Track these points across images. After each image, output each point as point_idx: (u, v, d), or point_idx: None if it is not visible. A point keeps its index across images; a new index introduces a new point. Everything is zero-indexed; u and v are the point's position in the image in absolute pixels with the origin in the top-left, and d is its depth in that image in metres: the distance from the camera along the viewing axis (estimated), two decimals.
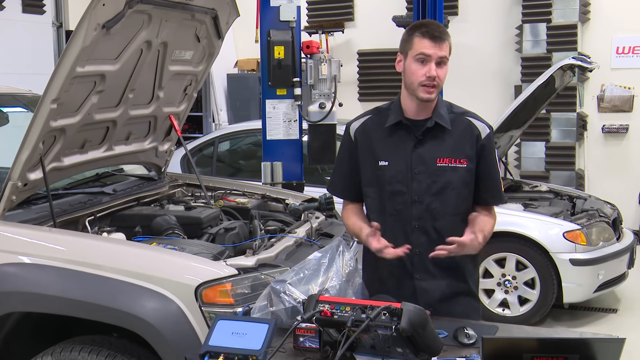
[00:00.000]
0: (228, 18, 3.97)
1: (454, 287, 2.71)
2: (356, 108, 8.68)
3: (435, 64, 2.56)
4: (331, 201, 3.97)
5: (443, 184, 2.63)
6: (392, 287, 2.68)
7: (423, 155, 2.64)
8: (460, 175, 2.63)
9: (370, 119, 2.77)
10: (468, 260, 2.74)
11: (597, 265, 5.32)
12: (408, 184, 2.64)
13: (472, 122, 2.68)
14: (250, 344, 1.98)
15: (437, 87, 2.59)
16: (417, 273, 2.68)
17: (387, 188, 2.67)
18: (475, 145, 2.65)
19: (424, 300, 2.63)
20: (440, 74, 2.57)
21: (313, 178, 5.88)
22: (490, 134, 2.69)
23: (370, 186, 2.72)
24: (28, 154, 3.05)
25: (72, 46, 2.93)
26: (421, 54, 2.56)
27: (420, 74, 2.56)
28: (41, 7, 8.27)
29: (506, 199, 2.82)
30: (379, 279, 2.74)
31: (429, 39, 2.56)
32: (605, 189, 7.54)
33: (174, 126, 4.19)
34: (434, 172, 2.63)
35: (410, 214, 2.65)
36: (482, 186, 2.68)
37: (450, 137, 2.65)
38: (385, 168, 2.67)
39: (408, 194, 2.65)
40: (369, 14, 8.84)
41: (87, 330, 3.04)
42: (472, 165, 2.64)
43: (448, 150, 2.64)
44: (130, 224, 3.49)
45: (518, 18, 8.06)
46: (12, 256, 2.97)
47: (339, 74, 5.32)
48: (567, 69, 5.96)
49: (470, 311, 2.75)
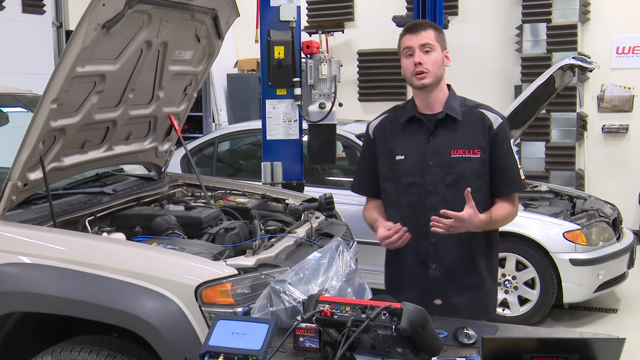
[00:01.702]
0: (228, 18, 3.97)
1: (468, 278, 2.79)
2: (356, 108, 8.69)
3: (420, 52, 2.70)
4: (331, 201, 3.97)
5: (457, 175, 2.72)
6: (409, 278, 2.81)
7: (437, 147, 2.75)
8: (474, 165, 2.72)
9: (387, 117, 2.91)
10: (485, 252, 2.82)
11: (597, 265, 5.32)
12: (423, 176, 2.75)
13: (484, 113, 2.78)
14: (250, 344, 1.98)
15: (430, 73, 2.71)
16: (432, 263, 2.77)
17: (403, 180, 2.79)
18: (487, 136, 2.74)
19: (438, 290, 2.76)
20: (426, 59, 2.70)
21: (313, 178, 5.88)
22: (503, 124, 2.77)
23: (387, 180, 2.84)
24: (28, 154, 3.05)
25: (72, 46, 2.93)
26: (405, 48, 2.75)
27: (409, 66, 2.73)
28: (41, 7, 8.27)
29: (526, 187, 2.91)
30: (400, 270, 2.85)
31: (408, 33, 2.75)
32: (605, 189, 7.55)
33: (174, 126, 4.19)
34: (448, 163, 2.73)
35: (425, 205, 2.74)
36: (499, 176, 2.76)
37: (463, 129, 2.76)
38: (402, 161, 2.79)
39: (423, 185, 2.75)
40: (369, 14, 8.85)
41: (87, 330, 3.04)
42: (485, 156, 2.73)
43: (461, 142, 2.74)
44: (130, 224, 3.49)
45: (518, 18, 8.06)
46: (12, 256, 2.97)
47: (339, 74, 5.32)
48: (567, 69, 5.96)
49: (481, 304, 2.83)
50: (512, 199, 2.82)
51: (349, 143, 6.02)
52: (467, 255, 2.77)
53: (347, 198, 5.41)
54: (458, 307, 2.73)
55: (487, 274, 2.84)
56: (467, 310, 2.72)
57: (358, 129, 6.19)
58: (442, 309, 2.72)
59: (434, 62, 2.71)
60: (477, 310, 2.77)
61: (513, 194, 2.82)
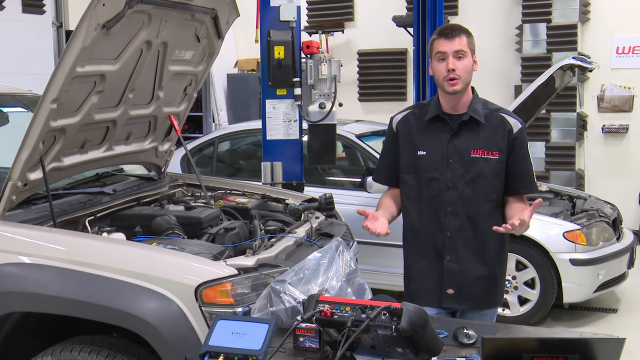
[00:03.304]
0: (228, 18, 3.97)
1: (481, 270, 2.93)
2: (356, 108, 8.69)
3: (453, 58, 2.80)
4: (331, 201, 3.97)
5: (475, 173, 2.88)
6: (424, 267, 2.96)
7: (458, 146, 2.89)
8: (492, 166, 2.88)
9: (412, 113, 3.03)
10: (497, 246, 2.96)
11: (597, 265, 5.32)
12: (443, 172, 2.89)
13: (505, 118, 2.92)
14: (250, 344, 1.98)
15: (461, 79, 2.82)
16: (447, 254, 2.92)
17: (424, 175, 2.92)
18: (507, 139, 2.89)
19: (451, 280, 2.90)
20: (459, 66, 2.81)
21: (313, 178, 5.88)
22: (522, 129, 2.93)
23: (408, 173, 2.97)
24: (28, 154, 3.05)
25: (72, 46, 2.93)
26: (438, 52, 2.84)
27: (442, 70, 2.83)
28: (41, 7, 8.27)
29: (538, 188, 3.03)
30: (416, 261, 3.00)
31: (442, 38, 2.84)
32: (605, 189, 7.54)
33: (174, 126, 4.19)
34: (468, 162, 2.88)
35: (444, 200, 2.90)
36: (515, 177, 2.93)
37: (484, 131, 2.89)
38: (423, 157, 2.93)
39: (443, 181, 2.89)
40: (369, 14, 8.84)
41: (87, 330, 3.05)
42: (503, 158, 2.89)
43: (482, 143, 2.88)
44: (130, 224, 3.49)
45: (518, 18, 8.06)
46: (12, 256, 2.97)
47: (339, 74, 5.32)
48: (567, 69, 5.96)
49: (492, 293, 2.98)
50: (524, 198, 3.00)
51: (349, 143, 6.01)
52: (481, 248, 2.92)
53: (347, 198, 5.44)
54: (470, 296, 2.90)
55: (498, 266, 2.99)
56: (478, 300, 2.93)
57: (358, 129, 6.19)
58: (455, 298, 2.92)
59: (466, 68, 2.82)
60: (487, 299, 2.96)
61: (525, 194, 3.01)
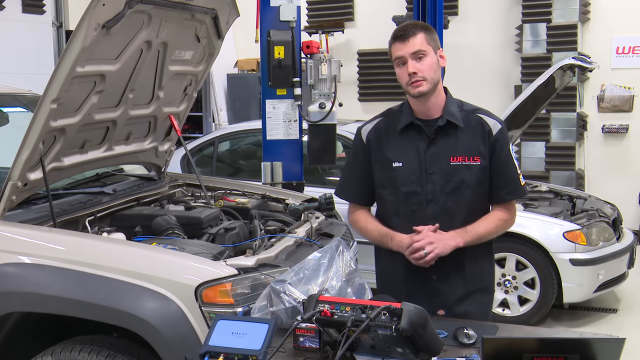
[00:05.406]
0: (228, 18, 3.97)
1: (470, 286, 2.74)
2: (356, 108, 8.68)
3: (412, 60, 2.61)
4: (331, 201, 3.97)
5: (457, 183, 2.66)
6: (410, 289, 2.70)
7: (437, 155, 2.67)
8: (474, 173, 2.66)
9: (382, 122, 2.80)
10: (485, 258, 2.78)
11: (597, 265, 5.32)
12: (422, 184, 2.68)
13: (483, 118, 2.71)
14: (250, 344, 1.98)
15: (427, 79, 2.62)
16: (433, 273, 2.69)
17: (402, 189, 2.70)
18: (487, 142, 2.68)
19: (440, 300, 2.69)
20: (420, 67, 2.61)
21: (313, 178, 5.88)
22: (503, 129, 2.71)
23: (385, 188, 2.75)
24: (28, 154, 3.05)
25: (72, 46, 2.93)
26: (396, 58, 2.66)
27: (404, 76, 2.64)
28: (41, 7, 8.27)
29: (527, 192, 2.81)
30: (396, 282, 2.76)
31: (397, 41, 2.66)
32: (605, 189, 7.54)
33: (174, 126, 4.19)
34: (448, 171, 2.66)
35: (425, 214, 2.68)
36: (498, 182, 2.70)
37: (463, 135, 2.68)
38: (400, 169, 2.70)
39: (423, 194, 2.68)
40: (369, 14, 8.84)
41: (87, 330, 3.04)
42: (485, 163, 2.67)
43: (461, 149, 2.67)
44: (130, 224, 3.49)
45: (518, 18, 8.06)
46: (12, 256, 2.97)
47: (339, 74, 5.32)
48: (567, 69, 5.96)
49: (485, 310, 2.79)
50: (510, 206, 2.76)
51: (349, 143, 6.00)
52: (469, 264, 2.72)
53: None
54: (461, 315, 2.67)
55: (487, 278, 2.82)
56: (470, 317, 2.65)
57: None
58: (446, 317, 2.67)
59: (429, 67, 2.62)
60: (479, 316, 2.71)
61: (512, 201, 2.77)
